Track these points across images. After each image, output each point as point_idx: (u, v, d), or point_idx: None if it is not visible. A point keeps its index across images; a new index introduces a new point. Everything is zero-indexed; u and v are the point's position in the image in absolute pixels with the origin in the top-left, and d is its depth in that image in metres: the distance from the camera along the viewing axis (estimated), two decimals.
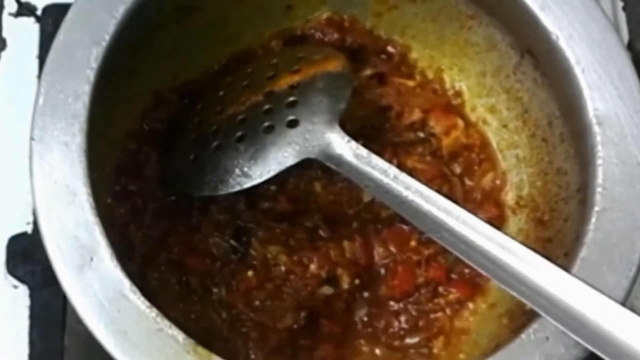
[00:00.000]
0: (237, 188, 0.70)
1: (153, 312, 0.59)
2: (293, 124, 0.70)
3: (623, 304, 0.60)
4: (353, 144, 0.68)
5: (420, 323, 0.75)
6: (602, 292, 0.59)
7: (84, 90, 0.63)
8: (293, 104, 0.70)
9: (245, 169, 0.69)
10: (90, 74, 0.64)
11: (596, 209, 0.64)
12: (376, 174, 0.67)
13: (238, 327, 0.73)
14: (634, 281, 0.62)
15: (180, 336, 0.59)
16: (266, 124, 0.70)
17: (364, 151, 0.68)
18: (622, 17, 0.87)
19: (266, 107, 0.71)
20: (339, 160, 0.68)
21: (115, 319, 0.59)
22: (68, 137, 0.62)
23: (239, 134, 0.71)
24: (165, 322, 0.59)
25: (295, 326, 0.72)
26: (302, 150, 0.69)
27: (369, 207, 0.77)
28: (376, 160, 0.67)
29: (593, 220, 0.63)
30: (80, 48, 0.65)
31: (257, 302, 0.73)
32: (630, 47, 0.86)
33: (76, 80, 0.64)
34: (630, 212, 0.63)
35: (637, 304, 0.76)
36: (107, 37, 0.65)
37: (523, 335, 0.60)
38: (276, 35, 0.79)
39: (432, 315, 0.75)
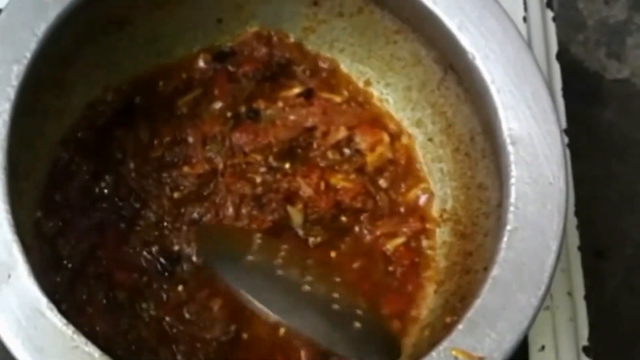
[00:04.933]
0: None
1: (69, 330, 0.60)
2: None
3: (532, 322, 0.62)
4: None
5: None
6: None
7: (4, 107, 0.64)
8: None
9: None
10: (11, 92, 0.64)
11: (508, 227, 0.65)
12: None
13: (166, 339, 0.73)
14: (543, 300, 0.63)
15: (97, 353, 0.59)
16: None
17: None
18: (551, 27, 0.88)
19: None
20: None
21: (32, 336, 0.59)
22: None
23: None
24: (82, 339, 0.60)
25: (223, 338, 0.73)
26: None
27: None
28: None
29: (505, 239, 0.65)
30: (1, 66, 0.65)
31: (187, 315, 0.74)
32: (559, 57, 0.87)
33: None
34: (541, 232, 0.65)
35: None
36: (29, 55, 0.66)
37: (433, 353, 0.62)
38: (206, 50, 0.80)
39: None
